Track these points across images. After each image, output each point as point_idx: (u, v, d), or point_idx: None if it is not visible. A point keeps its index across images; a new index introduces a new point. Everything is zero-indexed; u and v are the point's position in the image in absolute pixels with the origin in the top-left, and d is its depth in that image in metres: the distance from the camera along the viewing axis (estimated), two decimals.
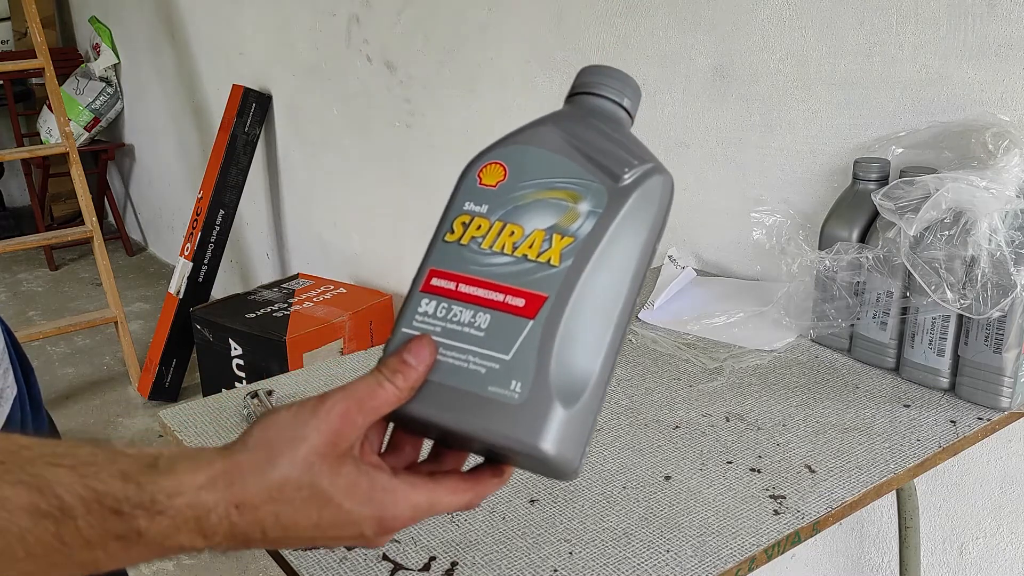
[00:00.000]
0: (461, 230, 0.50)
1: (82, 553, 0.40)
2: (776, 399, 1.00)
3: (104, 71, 4.08)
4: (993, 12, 1.05)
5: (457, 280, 0.48)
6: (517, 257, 0.48)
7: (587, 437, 0.47)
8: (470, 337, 0.47)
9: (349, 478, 0.44)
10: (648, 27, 1.49)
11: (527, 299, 0.48)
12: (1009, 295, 0.90)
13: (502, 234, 0.49)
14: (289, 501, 0.43)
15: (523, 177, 0.50)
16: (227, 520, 0.42)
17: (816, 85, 1.26)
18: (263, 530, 0.43)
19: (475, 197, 0.50)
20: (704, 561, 0.72)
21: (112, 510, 0.40)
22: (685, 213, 1.51)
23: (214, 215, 2.90)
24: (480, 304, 0.48)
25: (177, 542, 0.41)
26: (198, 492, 0.41)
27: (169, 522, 0.41)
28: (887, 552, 1.31)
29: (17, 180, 4.62)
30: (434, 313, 0.48)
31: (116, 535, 0.40)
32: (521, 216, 0.49)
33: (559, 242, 0.49)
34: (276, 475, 0.43)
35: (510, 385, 0.46)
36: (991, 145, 0.95)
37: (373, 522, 0.44)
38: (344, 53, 2.41)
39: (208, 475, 0.42)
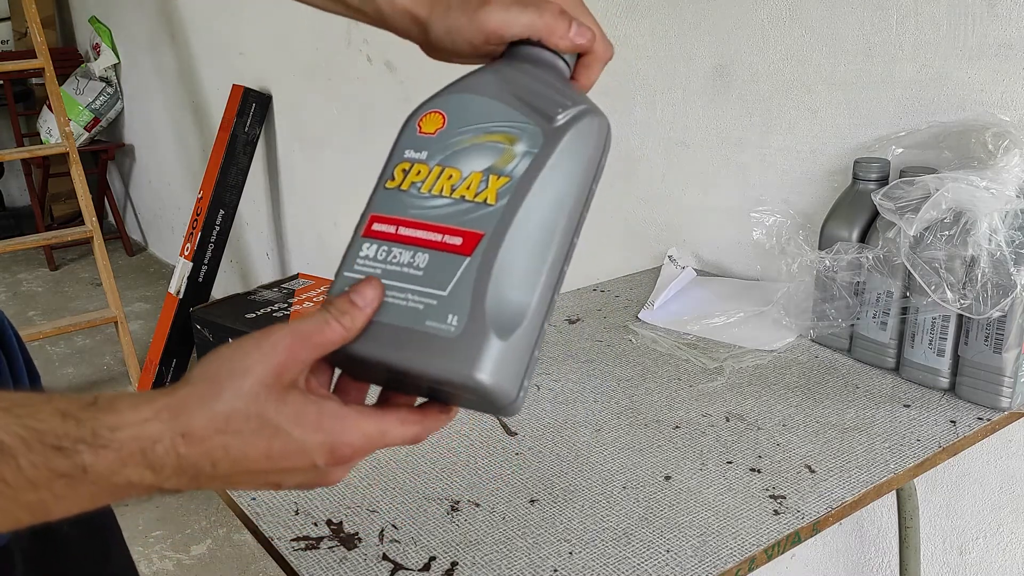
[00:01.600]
0: (401, 176, 0.51)
1: (27, 494, 0.39)
2: (776, 399, 1.00)
3: (104, 71, 4.08)
4: (993, 12, 1.05)
5: (397, 223, 0.50)
6: (455, 199, 0.50)
7: (525, 370, 0.48)
8: (409, 276, 0.48)
9: (296, 406, 0.44)
10: (648, 27, 1.49)
11: (464, 237, 0.49)
12: (1009, 295, 0.90)
13: (440, 178, 0.50)
14: (237, 432, 0.42)
15: (461, 123, 0.52)
16: (174, 452, 0.41)
17: (816, 85, 1.26)
18: (213, 462, 0.42)
19: (415, 144, 0.52)
20: (704, 561, 0.72)
21: (53, 447, 0.39)
22: (685, 213, 1.51)
23: (214, 215, 2.90)
24: (419, 244, 0.49)
25: (125, 477, 0.41)
26: (143, 425, 0.41)
27: (114, 456, 0.40)
28: (887, 552, 1.31)
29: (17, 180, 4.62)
30: (375, 256, 0.49)
31: (60, 473, 0.39)
32: (459, 160, 0.51)
33: (495, 182, 0.50)
34: (221, 406, 0.42)
35: (447, 319, 0.47)
36: (991, 145, 0.95)
37: (324, 449, 0.44)
38: (344, 53, 2.41)
39: (151, 409, 0.41)
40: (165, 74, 3.62)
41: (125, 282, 3.88)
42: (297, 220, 2.96)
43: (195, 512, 2.31)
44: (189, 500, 2.35)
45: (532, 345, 0.48)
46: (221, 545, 2.19)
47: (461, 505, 0.80)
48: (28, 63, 2.87)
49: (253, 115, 2.86)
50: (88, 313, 3.05)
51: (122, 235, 4.34)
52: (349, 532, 0.76)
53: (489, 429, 0.94)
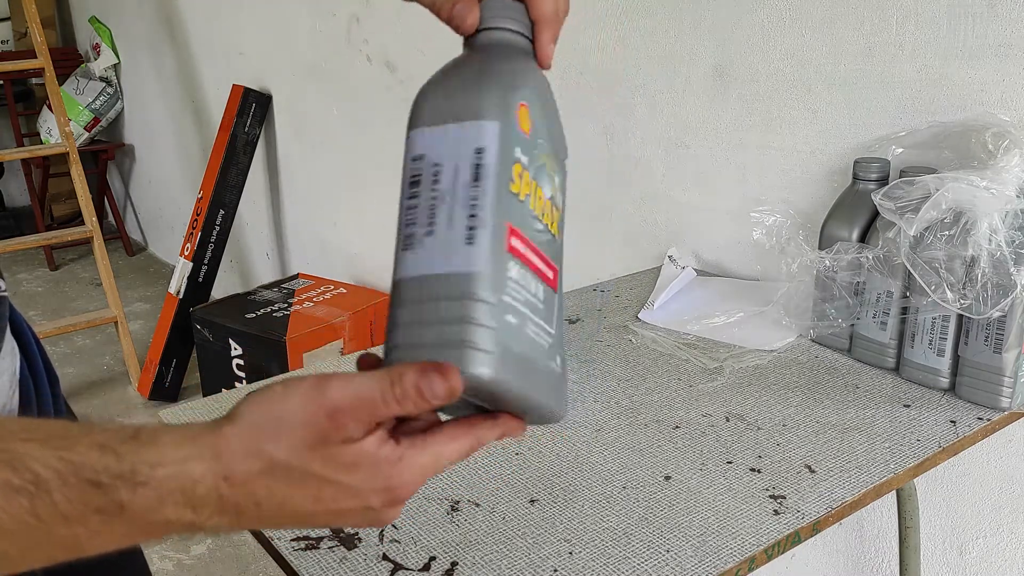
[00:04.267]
0: (519, 183, 0.46)
1: (61, 529, 0.38)
2: (776, 399, 1.00)
3: (104, 71, 4.08)
4: (993, 12, 1.05)
5: (528, 246, 0.46)
6: (545, 224, 0.48)
7: None
8: (537, 309, 0.46)
9: (347, 461, 0.42)
10: (648, 27, 1.49)
11: (553, 272, 0.48)
12: (1009, 295, 0.90)
13: (536, 196, 0.48)
14: (282, 480, 0.41)
15: (538, 130, 0.49)
16: (216, 492, 0.40)
17: (816, 85, 1.26)
18: (256, 503, 0.41)
19: (520, 143, 0.47)
20: (704, 561, 0.72)
21: (90, 482, 0.38)
22: (685, 213, 1.51)
23: (214, 215, 2.90)
24: (537, 274, 0.47)
25: (163, 516, 0.39)
26: (184, 463, 0.39)
27: (153, 494, 0.39)
28: (887, 552, 1.31)
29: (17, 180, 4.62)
30: (518, 280, 0.45)
31: (96, 508, 0.38)
32: (540, 179, 0.49)
33: (555, 214, 0.50)
34: (266, 453, 0.41)
35: (556, 359, 0.48)
36: (991, 145, 0.95)
37: (381, 493, 0.43)
38: (344, 53, 2.41)
39: (194, 447, 0.40)
40: (165, 74, 3.62)
41: (125, 282, 3.88)
42: (297, 220, 2.96)
43: None
44: None
45: None
46: (221, 545, 2.19)
47: (461, 505, 0.80)
48: (28, 63, 2.87)
49: (253, 115, 2.86)
50: (88, 313, 3.05)
51: (122, 235, 4.34)
52: (349, 532, 0.76)
53: None
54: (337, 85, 2.50)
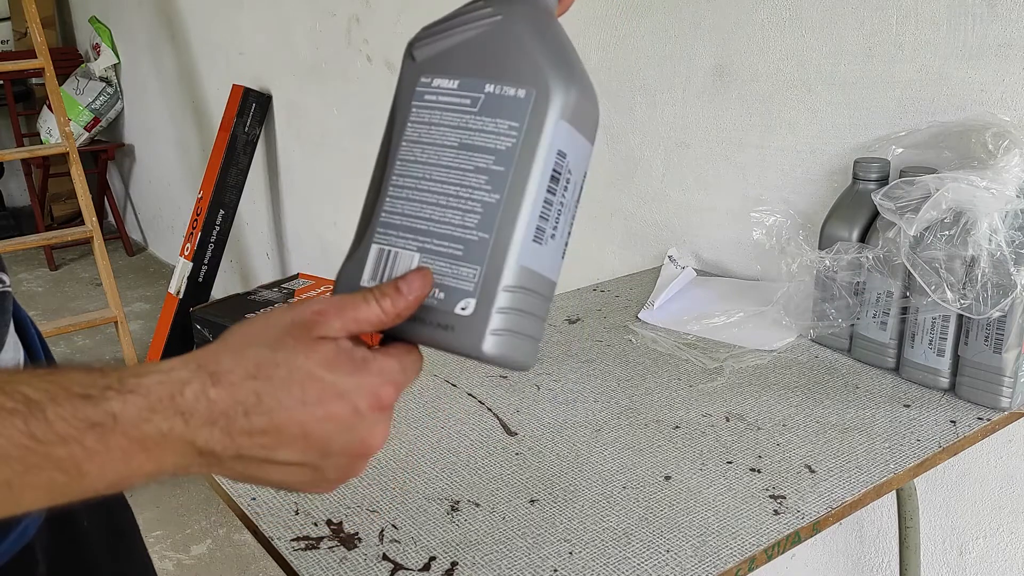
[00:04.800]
0: None
1: (58, 449, 0.39)
2: (776, 399, 1.00)
3: (104, 71, 4.09)
4: (993, 12, 1.05)
5: None
6: None
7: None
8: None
9: (327, 353, 0.43)
10: (648, 27, 1.49)
11: None
12: (1009, 295, 0.90)
13: None
14: (268, 378, 0.42)
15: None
16: (204, 396, 0.41)
17: (816, 85, 1.26)
18: (246, 411, 0.41)
19: None
20: (704, 561, 0.72)
21: (80, 396, 0.39)
22: (685, 213, 1.51)
23: (214, 215, 2.90)
24: None
25: (155, 427, 0.40)
26: (170, 372, 0.41)
27: (143, 400, 0.40)
28: (887, 552, 1.31)
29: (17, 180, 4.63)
30: None
31: (91, 423, 0.39)
32: None
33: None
34: (250, 353, 0.42)
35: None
36: (991, 145, 0.95)
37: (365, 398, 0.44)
38: (344, 53, 2.41)
39: (179, 362, 0.42)
40: (165, 74, 3.62)
41: (125, 282, 3.88)
42: (297, 220, 2.96)
43: (195, 512, 2.31)
44: (189, 500, 2.35)
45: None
46: (221, 545, 2.19)
47: (461, 505, 0.80)
48: (28, 63, 2.87)
49: (253, 115, 2.86)
50: (88, 313, 3.05)
51: (122, 235, 4.34)
52: (349, 532, 0.76)
53: (489, 429, 0.94)
54: (337, 85, 2.50)
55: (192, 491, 2.39)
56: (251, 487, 0.82)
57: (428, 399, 0.99)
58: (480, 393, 1.01)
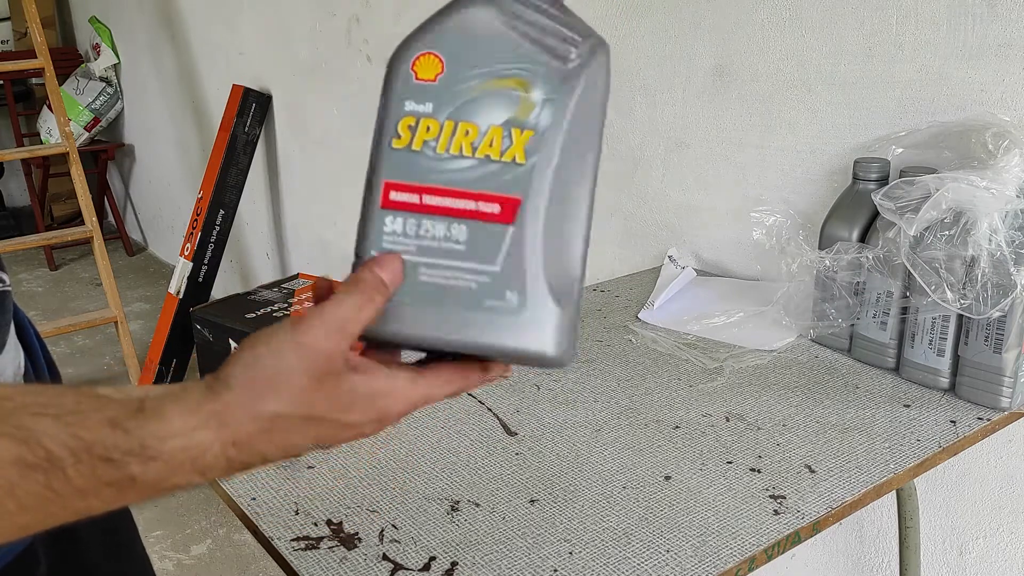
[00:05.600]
0: (409, 134, 0.46)
1: (75, 502, 0.40)
2: (776, 399, 1.00)
3: (104, 71, 4.09)
4: (993, 12, 1.05)
5: (420, 191, 0.45)
6: (479, 159, 0.45)
7: (578, 326, 0.47)
8: (451, 252, 0.45)
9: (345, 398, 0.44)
10: (648, 27, 1.49)
11: (502, 204, 0.45)
12: (1009, 295, 0.90)
13: (456, 134, 0.45)
14: (286, 430, 0.43)
15: (463, 67, 0.46)
16: (224, 457, 0.42)
17: (816, 85, 1.26)
18: (264, 458, 0.44)
19: (415, 95, 0.46)
20: (704, 561, 0.72)
21: (102, 458, 0.40)
22: (685, 213, 1.51)
23: (214, 215, 2.90)
24: (452, 215, 0.45)
25: (173, 483, 0.42)
26: (191, 434, 0.41)
27: (163, 466, 0.41)
28: (887, 552, 1.31)
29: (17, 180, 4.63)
30: (403, 231, 0.45)
31: (108, 482, 0.40)
32: (472, 112, 0.45)
33: (520, 137, 0.46)
34: (268, 411, 0.42)
35: (504, 296, 0.45)
36: (991, 145, 0.95)
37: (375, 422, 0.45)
38: (344, 53, 2.41)
39: (199, 417, 0.41)
40: (165, 74, 3.62)
41: (125, 282, 3.88)
42: (297, 220, 2.96)
43: (195, 512, 2.30)
44: (189, 500, 2.35)
45: (580, 300, 0.47)
46: (221, 545, 2.19)
47: (461, 505, 0.80)
48: (28, 63, 2.87)
49: (253, 115, 2.86)
50: (88, 313, 3.05)
51: (122, 235, 4.34)
52: (349, 532, 0.76)
53: (489, 429, 0.94)
54: (337, 85, 2.50)
55: (192, 491, 2.38)
56: (251, 487, 0.83)
57: None
58: (480, 393, 1.01)
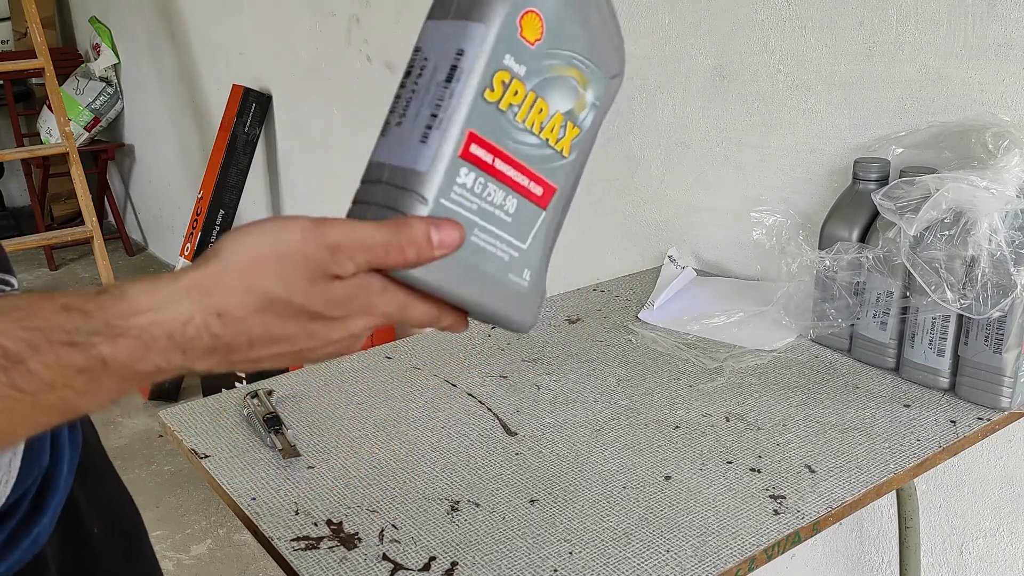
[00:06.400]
0: (501, 91, 0.45)
1: (47, 396, 0.37)
2: (776, 399, 1.00)
3: (104, 71, 4.08)
4: (993, 12, 1.05)
5: (495, 154, 0.46)
6: (543, 140, 0.48)
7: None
8: (499, 221, 0.47)
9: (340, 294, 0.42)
10: (648, 27, 1.49)
11: (544, 188, 0.48)
12: (1009, 295, 0.90)
13: (533, 109, 0.47)
14: (279, 315, 0.41)
15: (555, 41, 0.47)
16: (207, 331, 0.39)
17: (816, 85, 1.26)
18: (249, 341, 0.40)
19: (516, 52, 0.45)
20: (704, 561, 0.72)
21: (64, 343, 0.37)
22: (685, 213, 1.51)
23: (214, 215, 2.90)
24: (510, 186, 0.47)
25: (151, 363, 0.39)
26: (164, 307, 0.38)
27: (135, 343, 0.38)
28: (887, 552, 1.31)
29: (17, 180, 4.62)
30: (471, 188, 0.45)
31: (78, 369, 0.37)
32: (549, 91, 0.47)
33: (571, 131, 0.49)
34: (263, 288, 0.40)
35: (522, 274, 0.48)
36: (991, 145, 0.95)
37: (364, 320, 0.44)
38: (344, 53, 2.41)
39: (176, 288, 0.39)
40: (165, 74, 3.62)
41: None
42: None
43: (195, 512, 2.31)
44: (189, 500, 2.35)
45: None
46: (221, 545, 2.19)
47: (461, 505, 0.80)
48: (28, 63, 2.87)
49: (253, 115, 2.86)
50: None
51: (122, 235, 4.34)
52: (349, 532, 0.76)
53: (489, 429, 0.94)
54: (337, 85, 2.50)
55: (192, 491, 2.38)
56: (251, 487, 0.83)
57: (428, 399, 0.99)
58: (480, 393, 1.01)
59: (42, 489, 0.65)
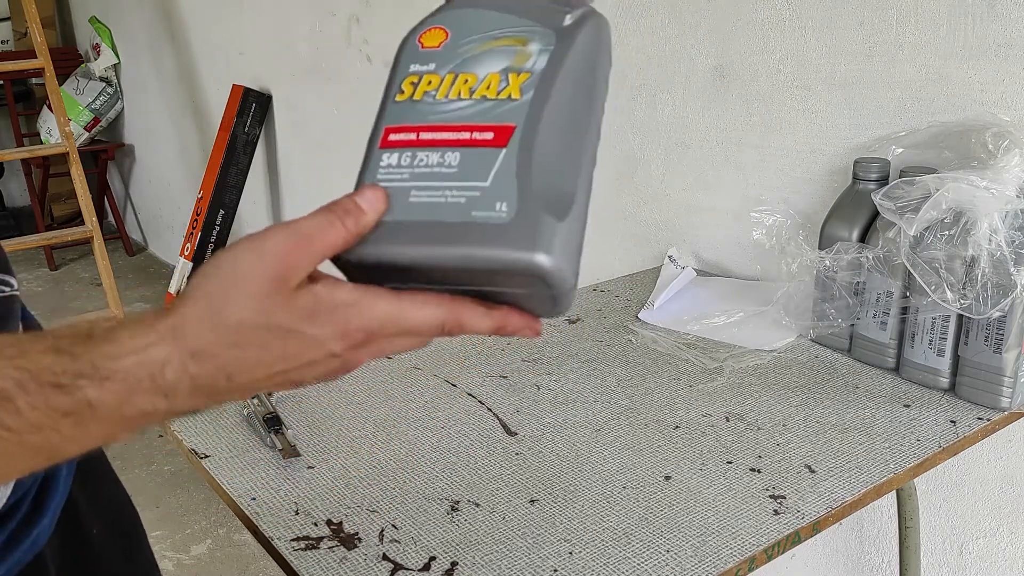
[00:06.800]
0: (411, 88, 0.49)
1: (33, 437, 0.37)
2: (776, 399, 1.00)
3: (104, 71, 4.08)
4: (993, 12, 1.05)
5: (417, 130, 0.48)
6: (476, 99, 0.48)
7: (579, 256, 0.46)
8: (443, 175, 0.46)
9: (306, 306, 0.41)
10: (648, 27, 1.49)
11: (495, 131, 0.48)
12: (1009, 295, 0.90)
13: (456, 83, 0.49)
14: (249, 343, 0.40)
15: (466, 34, 0.50)
16: (186, 374, 0.39)
17: (816, 85, 1.26)
18: (228, 376, 0.40)
19: (420, 58, 0.50)
20: (704, 561, 0.72)
21: (52, 385, 0.37)
22: (685, 213, 1.51)
23: (214, 215, 2.90)
24: (447, 145, 0.47)
25: (136, 408, 0.39)
26: (146, 350, 0.39)
27: (120, 387, 0.38)
28: (887, 552, 1.31)
29: (17, 180, 4.62)
30: (398, 163, 0.47)
31: (64, 412, 0.37)
32: (473, 65, 0.49)
33: (516, 79, 0.49)
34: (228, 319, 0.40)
35: (495, 207, 0.45)
36: (991, 145, 0.95)
37: (338, 336, 0.42)
38: (344, 53, 2.41)
39: (155, 333, 0.39)
40: (165, 74, 3.62)
41: (125, 282, 3.88)
42: None
43: (195, 512, 2.31)
44: (189, 500, 2.35)
45: (582, 233, 0.46)
46: (221, 545, 2.19)
47: (461, 505, 0.80)
48: (28, 63, 2.87)
49: (253, 115, 2.86)
50: (88, 313, 3.05)
51: (122, 235, 4.34)
52: (349, 532, 0.76)
53: (489, 429, 0.94)
54: (337, 85, 2.50)
55: (192, 491, 2.38)
56: (251, 487, 0.83)
57: (428, 399, 0.99)
58: (480, 393, 1.01)
59: (42, 490, 0.65)
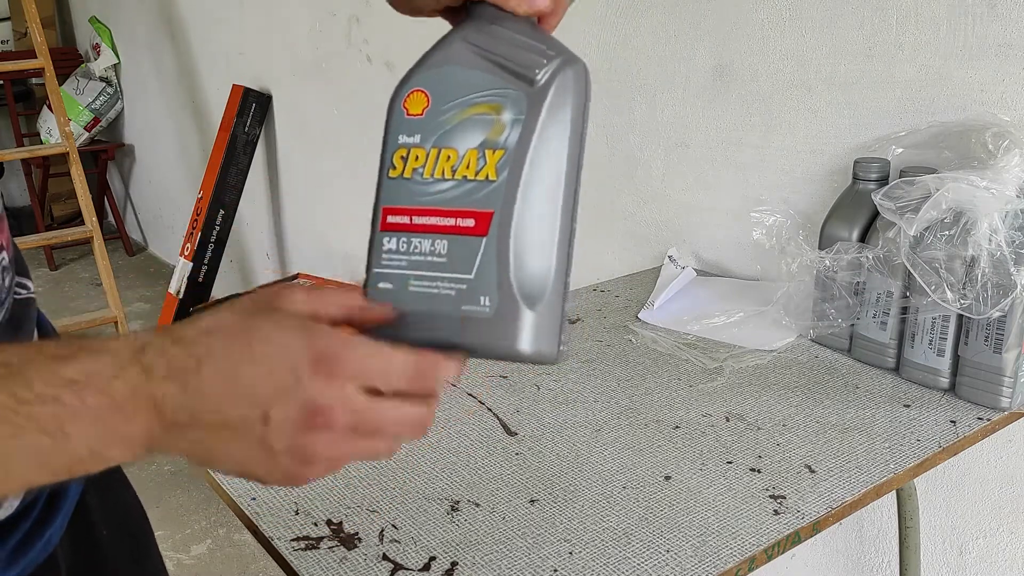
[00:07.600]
0: (401, 164, 0.52)
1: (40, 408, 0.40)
2: (776, 399, 1.00)
3: (104, 71, 4.08)
4: (993, 12, 1.05)
5: (410, 213, 0.52)
6: (458, 180, 0.51)
7: (560, 325, 0.51)
8: (435, 264, 0.50)
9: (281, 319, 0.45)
10: (648, 27, 1.49)
11: (476, 218, 0.51)
12: (1009, 295, 0.90)
13: (439, 160, 0.51)
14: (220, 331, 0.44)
15: (445, 99, 0.52)
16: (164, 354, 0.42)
17: (816, 85, 1.26)
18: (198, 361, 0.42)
19: (406, 129, 0.53)
20: (704, 561, 0.72)
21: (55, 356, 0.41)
22: (685, 213, 1.51)
23: (214, 215, 2.90)
24: (436, 231, 0.51)
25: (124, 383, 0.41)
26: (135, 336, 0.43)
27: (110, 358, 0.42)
28: (887, 552, 1.31)
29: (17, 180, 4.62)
30: (397, 249, 0.51)
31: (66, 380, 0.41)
32: (452, 139, 0.52)
33: (492, 157, 0.51)
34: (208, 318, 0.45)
35: (480, 301, 0.49)
36: (991, 145, 0.95)
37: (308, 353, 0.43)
38: (344, 53, 2.41)
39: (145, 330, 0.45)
40: (165, 74, 3.62)
41: (125, 282, 3.88)
42: (297, 220, 2.96)
43: (195, 512, 2.31)
44: (189, 500, 2.35)
45: (561, 304, 0.51)
46: (221, 545, 2.19)
47: (461, 505, 0.80)
48: (28, 63, 2.87)
49: (253, 115, 2.86)
50: (88, 313, 3.05)
51: (122, 235, 4.34)
52: (349, 532, 0.76)
53: (489, 429, 0.94)
54: (337, 85, 2.50)
55: (192, 491, 2.39)
56: (251, 486, 0.82)
57: None
58: (480, 393, 1.01)
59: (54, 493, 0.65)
